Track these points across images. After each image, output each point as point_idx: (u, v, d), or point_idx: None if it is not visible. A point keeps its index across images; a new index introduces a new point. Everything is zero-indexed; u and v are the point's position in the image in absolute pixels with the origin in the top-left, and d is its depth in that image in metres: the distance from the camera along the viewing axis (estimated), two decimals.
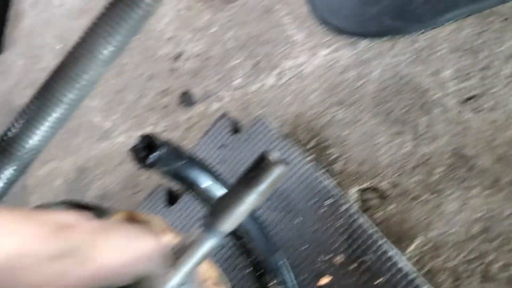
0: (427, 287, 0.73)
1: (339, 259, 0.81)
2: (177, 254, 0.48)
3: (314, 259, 0.82)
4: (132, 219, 0.53)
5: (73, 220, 0.40)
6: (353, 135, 0.92)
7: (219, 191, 0.72)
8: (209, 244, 0.51)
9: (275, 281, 0.78)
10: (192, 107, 1.16)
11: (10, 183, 0.63)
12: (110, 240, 0.41)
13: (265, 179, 0.47)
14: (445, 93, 0.86)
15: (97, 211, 0.53)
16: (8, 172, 0.62)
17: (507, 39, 0.84)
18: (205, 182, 0.71)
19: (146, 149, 0.63)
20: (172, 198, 1.02)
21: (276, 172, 0.47)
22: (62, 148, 1.34)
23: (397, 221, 0.83)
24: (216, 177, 0.73)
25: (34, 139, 0.61)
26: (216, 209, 0.54)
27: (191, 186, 0.71)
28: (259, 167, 0.47)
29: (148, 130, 1.19)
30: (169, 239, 0.48)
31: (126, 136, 1.24)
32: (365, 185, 0.88)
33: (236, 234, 0.77)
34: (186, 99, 1.17)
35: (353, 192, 0.88)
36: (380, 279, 0.76)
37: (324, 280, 0.81)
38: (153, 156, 0.63)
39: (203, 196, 0.72)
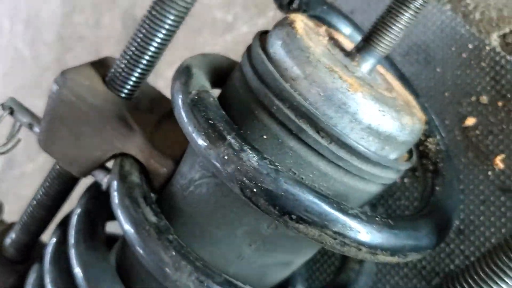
0: None
1: (484, 98, 0.83)
2: None
3: (458, 102, 0.85)
4: None
5: None
6: None
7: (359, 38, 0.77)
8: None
9: None
10: None
11: None
12: None
13: None
14: None
15: None
16: None
17: None
18: (346, 28, 0.77)
19: None
20: None
21: None
22: (188, 47, 1.45)
23: None
24: (356, 25, 0.78)
25: None
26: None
27: None
28: None
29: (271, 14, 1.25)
30: None
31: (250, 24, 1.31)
32: (507, 30, 0.87)
33: None
34: None
35: (494, 38, 0.88)
36: None
37: (470, 121, 0.84)
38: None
39: None
